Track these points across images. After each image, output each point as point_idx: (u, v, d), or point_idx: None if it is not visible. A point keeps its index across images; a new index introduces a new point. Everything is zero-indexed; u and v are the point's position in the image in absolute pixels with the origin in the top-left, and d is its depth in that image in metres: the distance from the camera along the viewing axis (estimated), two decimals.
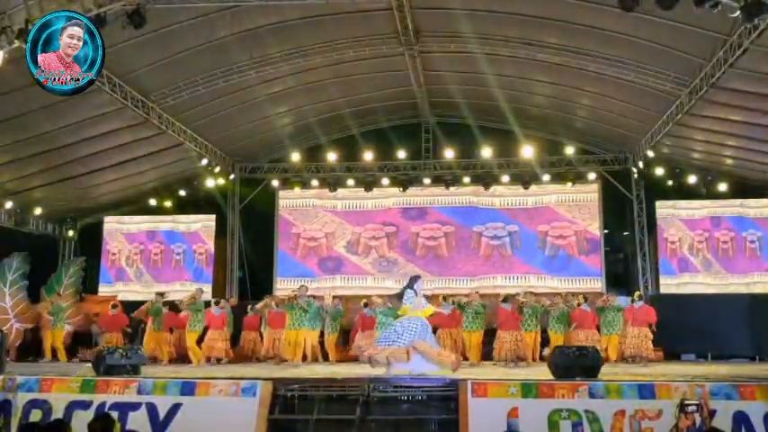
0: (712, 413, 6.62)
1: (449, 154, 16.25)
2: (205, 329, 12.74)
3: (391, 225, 17.10)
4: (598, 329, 12.67)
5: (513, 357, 11.56)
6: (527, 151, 15.75)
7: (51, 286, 15.89)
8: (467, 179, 16.67)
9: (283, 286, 16.63)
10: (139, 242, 17.56)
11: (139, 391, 7.69)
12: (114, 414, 6.86)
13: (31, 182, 14.93)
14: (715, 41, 10.49)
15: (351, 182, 16.88)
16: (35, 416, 7.56)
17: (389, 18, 11.83)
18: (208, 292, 16.56)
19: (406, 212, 17.13)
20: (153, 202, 17.12)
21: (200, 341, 12.79)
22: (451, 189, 16.84)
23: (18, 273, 15.61)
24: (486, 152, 15.94)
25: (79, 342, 15.06)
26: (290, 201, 17.50)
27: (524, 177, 16.38)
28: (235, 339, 13.53)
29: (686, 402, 6.13)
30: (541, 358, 11.90)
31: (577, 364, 8.05)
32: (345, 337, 14.06)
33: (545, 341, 12.67)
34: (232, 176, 17.37)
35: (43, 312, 14.79)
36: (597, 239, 16.37)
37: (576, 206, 16.58)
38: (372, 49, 12.89)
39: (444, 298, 13.24)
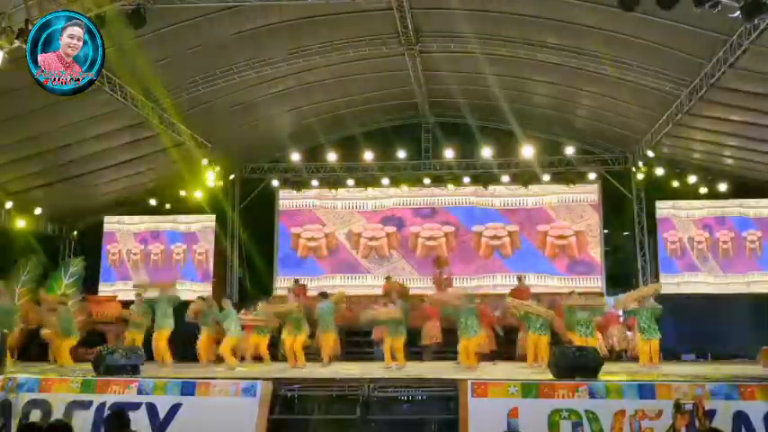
0: (709, 413, 6.63)
1: (449, 154, 16.23)
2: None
3: (391, 225, 17.08)
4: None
5: None
6: (527, 151, 15.72)
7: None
8: (467, 179, 16.66)
9: (284, 285, 16.62)
10: (139, 242, 17.54)
11: (139, 391, 7.72)
12: None
13: (31, 182, 14.90)
14: (715, 41, 10.47)
15: (351, 182, 16.87)
16: (35, 416, 7.57)
17: (389, 18, 11.82)
18: (208, 292, 16.57)
19: (405, 213, 17.11)
20: (153, 202, 17.11)
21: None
22: (451, 189, 16.82)
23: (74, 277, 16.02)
24: (487, 152, 15.92)
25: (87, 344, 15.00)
26: (290, 201, 17.48)
27: (524, 177, 16.37)
28: None
29: (681, 402, 6.15)
30: None
31: (577, 364, 8.06)
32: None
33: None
34: (232, 176, 17.35)
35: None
36: (597, 239, 16.35)
37: (576, 206, 16.55)
38: (372, 49, 12.88)
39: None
